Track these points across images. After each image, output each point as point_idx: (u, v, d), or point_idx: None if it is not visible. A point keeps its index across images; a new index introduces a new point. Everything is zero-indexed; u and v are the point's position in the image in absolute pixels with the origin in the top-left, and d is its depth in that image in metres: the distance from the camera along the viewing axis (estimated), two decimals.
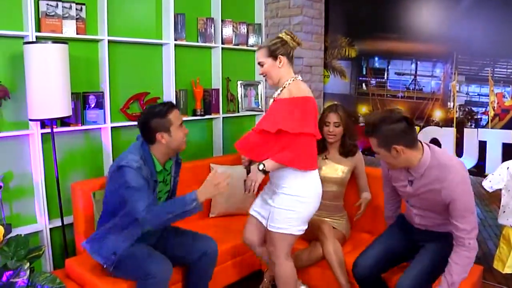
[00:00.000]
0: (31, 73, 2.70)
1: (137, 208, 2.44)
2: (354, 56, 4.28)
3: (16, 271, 2.37)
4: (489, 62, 3.49)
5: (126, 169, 2.47)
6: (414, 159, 2.35)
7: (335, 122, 3.17)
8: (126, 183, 2.47)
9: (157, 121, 2.53)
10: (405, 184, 2.52)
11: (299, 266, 3.11)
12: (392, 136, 2.28)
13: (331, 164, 3.25)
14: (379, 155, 2.39)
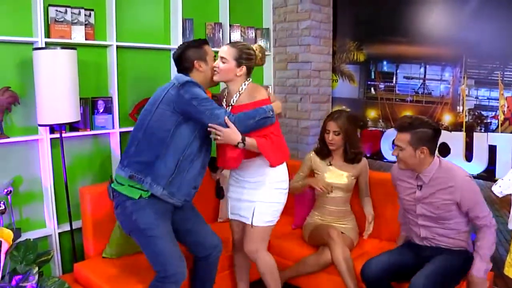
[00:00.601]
0: (40, 78, 2.73)
1: (219, 114, 2.47)
2: (363, 60, 4.27)
3: (25, 275, 2.38)
4: (498, 65, 3.47)
5: (192, 84, 2.49)
6: (426, 164, 2.63)
7: (334, 130, 3.17)
8: (199, 96, 2.46)
9: (194, 50, 2.61)
10: (413, 191, 2.70)
11: (306, 271, 3.12)
12: (424, 139, 2.56)
13: (335, 171, 3.25)
14: (402, 151, 2.60)
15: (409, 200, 2.75)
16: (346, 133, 3.16)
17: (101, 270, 2.78)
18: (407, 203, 2.78)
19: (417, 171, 2.67)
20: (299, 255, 3.17)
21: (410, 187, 2.74)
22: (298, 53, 4.29)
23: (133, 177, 2.49)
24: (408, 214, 2.82)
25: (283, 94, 4.44)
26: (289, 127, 4.43)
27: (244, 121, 2.49)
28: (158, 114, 2.49)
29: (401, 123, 2.65)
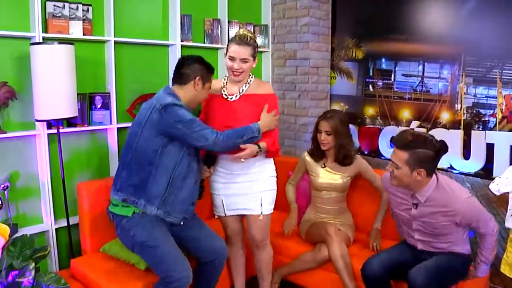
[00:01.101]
0: (37, 73, 2.71)
1: (206, 135, 2.47)
2: (361, 58, 4.27)
3: (21, 271, 2.38)
4: (497, 63, 3.47)
5: (174, 106, 2.46)
6: (423, 185, 2.48)
7: (326, 130, 3.14)
8: (182, 118, 2.45)
9: (204, 70, 2.62)
10: (408, 207, 2.60)
11: (303, 268, 3.13)
12: (424, 160, 2.38)
13: (329, 172, 3.24)
14: (397, 169, 2.43)
15: (404, 215, 2.67)
16: (337, 134, 3.12)
17: (98, 266, 2.77)
18: (402, 217, 2.70)
19: (412, 190, 2.55)
20: (296, 252, 3.18)
21: (405, 203, 2.63)
22: (297, 50, 4.29)
23: (127, 200, 2.55)
24: (404, 225, 2.75)
25: (281, 91, 4.43)
26: (287, 124, 4.43)
27: (233, 139, 2.54)
28: (144, 136, 2.51)
29: (401, 139, 2.45)
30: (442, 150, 2.42)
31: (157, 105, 2.48)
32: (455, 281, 2.67)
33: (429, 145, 2.39)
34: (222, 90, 2.80)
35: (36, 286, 2.38)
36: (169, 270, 2.44)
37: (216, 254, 2.74)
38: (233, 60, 2.66)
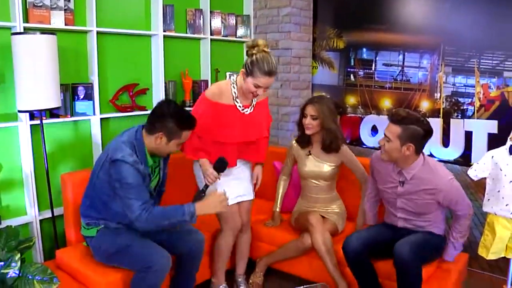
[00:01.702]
0: (19, 64, 2.68)
1: (132, 206, 2.42)
2: (342, 48, 4.31)
3: (6, 262, 2.38)
4: (475, 53, 3.55)
5: (122, 164, 2.43)
6: (410, 162, 2.63)
7: (312, 115, 3.09)
8: (122, 179, 2.43)
9: (172, 125, 2.49)
10: (395, 185, 2.72)
11: (288, 256, 3.17)
12: (414, 136, 2.54)
13: (314, 161, 3.21)
14: (388, 142, 2.60)
15: (389, 193, 2.78)
16: (323, 119, 3.08)
17: (84, 257, 2.77)
18: (387, 195, 2.81)
19: (400, 166, 2.67)
20: (282, 241, 3.22)
21: (391, 181, 2.75)
22: (279, 40, 4.32)
23: (90, 224, 2.66)
24: (387, 204, 2.87)
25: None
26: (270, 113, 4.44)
27: (158, 221, 2.46)
28: (99, 178, 2.56)
29: (396, 114, 2.61)
30: (431, 131, 2.59)
31: (109, 155, 2.47)
32: (432, 259, 2.76)
33: (421, 124, 2.55)
34: (235, 102, 2.83)
35: (22, 277, 2.37)
36: (145, 260, 2.47)
37: (193, 242, 2.76)
38: (259, 87, 2.69)
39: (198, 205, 2.51)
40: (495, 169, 2.54)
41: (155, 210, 2.46)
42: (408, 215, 2.74)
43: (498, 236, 2.51)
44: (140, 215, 2.41)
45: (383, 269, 2.77)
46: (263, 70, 2.64)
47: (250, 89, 2.71)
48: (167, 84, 3.75)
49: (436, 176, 2.60)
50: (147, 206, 2.44)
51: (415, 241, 2.56)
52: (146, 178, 2.52)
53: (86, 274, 2.64)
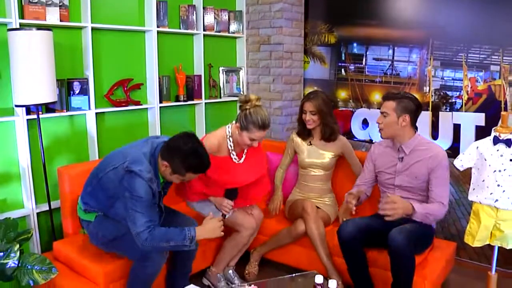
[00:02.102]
0: (16, 59, 2.73)
1: (138, 220, 2.42)
2: (334, 42, 4.37)
3: (6, 252, 2.43)
4: (463, 47, 3.62)
5: (136, 177, 2.43)
6: (407, 135, 2.88)
7: (311, 110, 3.28)
8: (134, 191, 2.43)
9: (179, 163, 2.47)
10: (395, 163, 2.95)
11: (281, 244, 3.26)
12: (408, 109, 2.82)
13: (315, 150, 3.37)
14: (386, 117, 2.84)
15: (389, 173, 2.95)
16: (321, 112, 3.28)
17: (81, 248, 2.83)
18: (386, 176, 2.97)
19: (399, 141, 2.90)
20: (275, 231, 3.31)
21: (391, 160, 2.96)
22: (271, 35, 4.37)
23: (88, 210, 2.70)
24: (384, 187, 3.00)
25: (256, 75, 4.52)
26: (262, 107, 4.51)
27: (157, 242, 2.44)
28: (109, 177, 2.56)
29: (389, 93, 2.93)
30: (420, 105, 2.91)
31: (127, 163, 2.47)
32: (423, 248, 2.86)
33: (411, 98, 2.87)
34: (231, 154, 3.03)
35: (21, 267, 2.44)
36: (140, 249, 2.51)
37: None
38: (254, 140, 2.90)
39: (198, 229, 2.52)
40: (480, 159, 2.61)
41: (157, 230, 2.44)
42: (405, 193, 2.87)
43: (483, 224, 2.58)
44: (143, 232, 2.40)
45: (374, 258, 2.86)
46: (257, 124, 2.82)
47: (246, 142, 2.90)
48: (161, 79, 3.80)
49: (432, 146, 2.88)
50: (152, 226, 2.44)
51: (409, 229, 2.64)
52: (156, 195, 2.54)
53: (84, 264, 2.71)
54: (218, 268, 3.18)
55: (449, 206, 3.61)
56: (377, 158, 3.04)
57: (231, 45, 4.53)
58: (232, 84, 4.49)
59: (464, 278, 3.35)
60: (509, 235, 2.56)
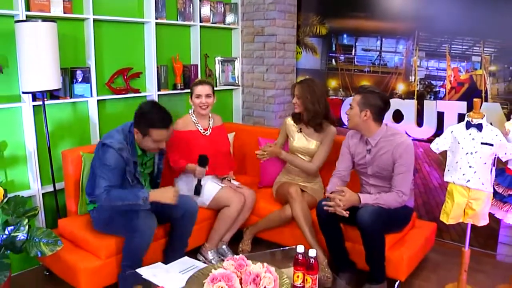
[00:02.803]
0: (23, 49, 2.91)
1: (99, 184, 2.76)
2: (325, 34, 4.55)
3: (16, 226, 2.64)
4: (446, 39, 3.80)
5: (107, 148, 2.80)
6: (372, 129, 2.97)
7: (296, 94, 3.46)
8: (103, 160, 2.79)
9: (144, 123, 2.81)
10: (364, 155, 3.02)
11: (271, 226, 3.45)
12: (371, 104, 2.91)
13: (303, 137, 3.52)
14: (351, 109, 3.00)
15: (362, 163, 3.08)
16: (303, 97, 3.40)
17: (84, 225, 3.04)
18: (360, 166, 3.11)
19: (365, 134, 3.01)
20: (266, 212, 3.50)
21: (361, 152, 3.06)
22: (264, 26, 4.55)
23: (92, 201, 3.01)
24: (361, 175, 3.15)
25: (250, 65, 4.71)
26: (256, 96, 4.71)
27: (114, 202, 2.75)
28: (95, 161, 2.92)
29: (359, 87, 3.09)
30: (388, 103, 2.98)
31: (102, 139, 2.90)
32: (398, 228, 3.06)
33: (378, 94, 2.96)
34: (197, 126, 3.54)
35: (29, 240, 2.64)
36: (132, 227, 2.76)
37: (185, 207, 3.03)
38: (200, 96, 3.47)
39: (152, 192, 2.81)
40: (454, 143, 2.81)
41: (114, 191, 2.76)
42: (378, 182, 3.03)
43: (456, 202, 2.78)
44: (102, 193, 2.74)
45: (351, 234, 3.05)
46: (195, 83, 3.52)
47: (196, 102, 3.48)
48: (159, 68, 3.99)
49: (397, 137, 2.95)
50: (110, 189, 2.75)
51: (378, 208, 2.81)
52: (130, 164, 2.85)
53: (87, 239, 2.92)
54: (212, 244, 3.39)
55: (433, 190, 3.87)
56: (352, 148, 3.14)
57: (226, 36, 4.71)
58: (228, 73, 4.68)
59: (443, 257, 3.55)
60: (480, 213, 2.77)
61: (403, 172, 2.88)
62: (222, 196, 3.37)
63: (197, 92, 3.46)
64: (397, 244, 3.01)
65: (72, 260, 2.81)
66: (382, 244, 2.80)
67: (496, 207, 2.85)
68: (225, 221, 3.36)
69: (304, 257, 2.22)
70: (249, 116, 4.78)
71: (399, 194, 2.88)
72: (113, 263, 2.87)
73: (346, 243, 3.05)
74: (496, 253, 3.53)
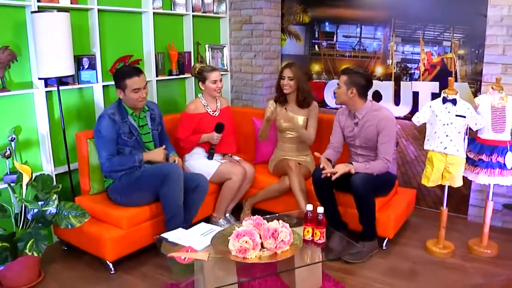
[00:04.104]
0: (40, 38, 3.12)
1: (101, 155, 3.21)
2: (308, 22, 4.88)
3: (46, 201, 2.89)
4: (420, 26, 4.19)
5: (100, 118, 3.23)
6: (358, 104, 3.35)
7: (289, 76, 3.79)
8: (98, 130, 3.19)
9: (119, 78, 3.26)
10: (352, 128, 3.39)
11: (270, 197, 3.80)
12: (356, 82, 3.28)
13: (290, 115, 3.84)
14: (338, 88, 3.36)
15: (350, 136, 3.46)
16: (298, 79, 3.79)
17: (101, 201, 3.31)
18: (349, 138, 3.49)
19: (352, 109, 3.37)
20: (265, 184, 3.85)
21: (350, 125, 3.44)
22: (252, 15, 4.85)
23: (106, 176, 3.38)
24: (350, 147, 3.53)
25: (238, 52, 5.01)
26: (244, 80, 5.03)
27: (115, 167, 3.22)
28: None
29: (345, 68, 3.44)
30: (370, 81, 3.38)
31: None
32: (385, 192, 3.45)
33: (362, 74, 3.35)
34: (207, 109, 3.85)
35: (59, 213, 2.89)
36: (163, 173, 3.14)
37: (199, 181, 3.36)
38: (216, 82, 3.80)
39: (145, 154, 3.31)
40: (432, 116, 3.21)
41: (115, 159, 3.22)
42: (365, 151, 3.41)
43: (435, 167, 3.19)
44: (105, 162, 3.20)
45: (345, 200, 3.42)
46: (208, 70, 3.80)
47: (212, 87, 3.79)
48: (157, 55, 4.24)
49: (380, 111, 3.33)
50: (111, 157, 3.21)
51: (365, 175, 3.18)
52: (123, 128, 3.24)
53: (108, 212, 3.19)
54: (219, 213, 3.73)
55: (410, 162, 4.28)
56: (342, 123, 3.52)
57: (215, 25, 4.99)
58: (217, 59, 4.96)
59: (422, 220, 3.99)
60: (456, 175, 3.19)
61: (386, 142, 3.26)
62: (224, 170, 3.70)
63: (213, 78, 3.77)
64: (384, 207, 3.41)
65: (96, 232, 3.08)
66: (372, 205, 3.18)
67: (468, 170, 3.28)
68: (228, 193, 3.69)
69: (312, 214, 2.57)
70: (238, 99, 5.09)
71: (384, 161, 3.25)
72: (134, 232, 3.16)
73: (338, 207, 3.41)
74: (467, 215, 3.99)
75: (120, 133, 3.21)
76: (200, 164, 3.77)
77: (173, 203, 3.14)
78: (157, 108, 3.56)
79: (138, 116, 3.35)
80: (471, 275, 3.07)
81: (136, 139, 3.30)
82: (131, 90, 3.21)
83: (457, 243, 3.45)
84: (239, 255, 2.38)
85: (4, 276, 2.84)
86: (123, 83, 3.21)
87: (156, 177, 3.14)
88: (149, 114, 3.43)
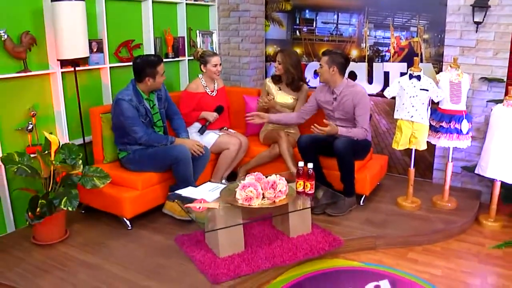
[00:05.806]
0: (60, 24, 3.51)
1: (137, 131, 3.59)
2: (290, 9, 5.37)
3: (73, 166, 3.31)
4: (390, 13, 4.72)
5: (120, 101, 3.55)
6: (338, 81, 3.86)
7: (278, 60, 4.32)
8: (122, 113, 3.53)
9: (148, 69, 3.63)
10: (331, 102, 3.89)
11: (261, 163, 4.30)
12: (336, 61, 3.78)
13: (283, 94, 4.40)
14: (321, 68, 3.84)
15: (330, 109, 3.97)
16: (284, 63, 4.28)
17: (116, 168, 3.75)
18: (328, 111, 4.00)
19: (332, 86, 3.87)
20: (256, 153, 4.37)
21: (329, 100, 3.95)
22: (239, 3, 5.33)
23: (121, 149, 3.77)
24: (329, 119, 4.01)
25: (227, 37, 5.48)
26: (233, 63, 5.51)
27: (151, 142, 3.66)
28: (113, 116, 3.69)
29: (325, 50, 3.92)
30: (348, 59, 3.90)
31: (116, 96, 3.62)
32: (362, 155, 3.98)
33: (340, 54, 3.85)
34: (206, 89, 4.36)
35: (84, 176, 3.33)
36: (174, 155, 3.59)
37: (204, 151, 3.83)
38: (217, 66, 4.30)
39: (178, 139, 3.81)
40: (401, 90, 3.77)
41: (152, 135, 3.68)
42: (343, 123, 3.91)
43: (404, 133, 3.76)
44: (143, 136, 3.61)
45: (328, 163, 3.94)
46: (210, 54, 4.31)
47: (213, 70, 4.28)
48: (155, 40, 4.67)
49: (355, 87, 3.86)
50: (149, 132, 3.64)
51: (348, 139, 3.72)
52: (140, 109, 3.62)
53: (123, 176, 3.63)
54: (216, 179, 4.23)
55: (382, 134, 4.82)
56: (320, 97, 4.02)
57: (205, 12, 5.44)
58: (207, 44, 5.41)
59: (393, 182, 4.59)
60: (421, 140, 3.76)
61: (363, 114, 3.79)
62: (222, 141, 4.20)
63: (215, 62, 4.29)
64: (362, 169, 3.97)
65: (115, 193, 3.53)
66: (352, 166, 3.73)
67: (431, 136, 3.86)
68: (226, 161, 4.18)
69: (304, 169, 3.10)
70: (226, 80, 5.54)
71: (363, 130, 3.78)
72: (148, 193, 3.63)
73: (323, 170, 3.94)
74: (432, 179, 4.59)
75: (138, 115, 3.61)
76: (201, 136, 4.25)
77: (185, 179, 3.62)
78: (163, 88, 3.96)
79: (149, 99, 3.76)
80: (434, 222, 3.67)
81: (150, 119, 3.72)
82: (160, 75, 3.69)
83: (423, 199, 4.05)
84: (245, 203, 2.89)
85: (39, 231, 3.28)
86: (154, 71, 3.63)
87: (166, 159, 3.62)
88: (156, 95, 3.84)
